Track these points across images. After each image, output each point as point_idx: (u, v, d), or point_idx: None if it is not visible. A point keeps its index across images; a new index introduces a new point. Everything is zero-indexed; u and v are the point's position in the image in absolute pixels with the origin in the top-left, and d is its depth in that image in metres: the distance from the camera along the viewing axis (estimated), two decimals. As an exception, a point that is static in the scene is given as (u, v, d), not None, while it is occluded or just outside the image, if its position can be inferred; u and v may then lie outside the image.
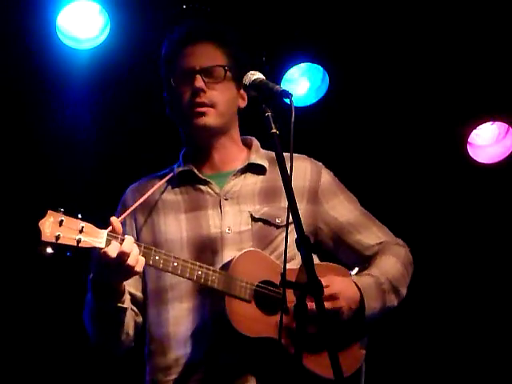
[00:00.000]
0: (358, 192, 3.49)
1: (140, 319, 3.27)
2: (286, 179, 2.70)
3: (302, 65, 4.87)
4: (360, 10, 4.67)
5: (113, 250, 2.90)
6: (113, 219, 2.97)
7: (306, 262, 2.54)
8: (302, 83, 4.95)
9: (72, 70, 4.60)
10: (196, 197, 3.28)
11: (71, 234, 2.87)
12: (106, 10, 4.54)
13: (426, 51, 4.79)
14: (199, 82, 3.23)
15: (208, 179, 3.30)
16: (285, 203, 3.04)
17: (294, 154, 3.05)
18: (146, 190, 3.26)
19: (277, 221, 3.20)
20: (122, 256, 2.91)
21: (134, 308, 3.25)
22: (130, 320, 3.19)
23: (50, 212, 2.87)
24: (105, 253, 2.89)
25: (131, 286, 3.23)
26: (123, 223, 3.23)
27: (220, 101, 3.23)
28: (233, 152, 3.35)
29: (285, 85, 4.68)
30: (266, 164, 3.34)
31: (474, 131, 5.03)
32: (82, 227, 2.89)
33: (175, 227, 3.23)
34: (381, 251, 3.36)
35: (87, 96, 4.74)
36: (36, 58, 4.57)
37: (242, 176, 3.32)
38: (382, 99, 4.96)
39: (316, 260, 3.25)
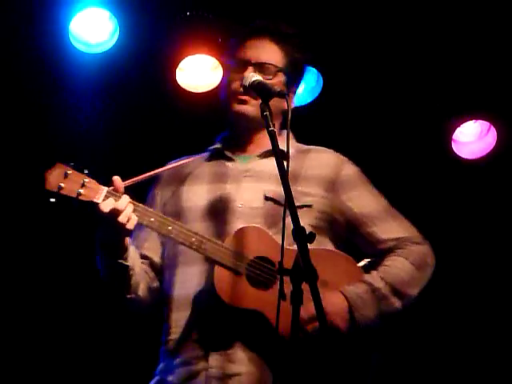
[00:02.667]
0: None
1: (156, 284, 3.31)
2: (283, 171, 2.77)
3: None
4: (351, 17, 4.76)
5: (106, 206, 2.95)
6: (115, 178, 3.02)
7: (302, 251, 2.58)
8: None
9: (83, 72, 4.70)
10: (220, 171, 3.35)
11: (73, 186, 2.94)
12: (115, 16, 4.63)
13: (413, 55, 4.88)
14: (249, 72, 3.25)
15: (234, 157, 3.38)
16: (301, 188, 3.20)
17: (322, 148, 3.28)
18: (179, 165, 3.37)
19: None
20: (115, 212, 2.95)
21: (151, 272, 3.31)
22: (140, 281, 3.23)
23: (58, 164, 2.95)
24: (98, 207, 2.95)
25: (150, 251, 3.32)
26: (154, 193, 3.39)
27: None
28: (264, 140, 3.32)
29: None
30: (291, 151, 3.26)
31: (458, 129, 5.09)
32: (85, 182, 2.96)
33: (195, 196, 3.29)
34: (394, 248, 3.31)
35: (98, 97, 4.84)
36: (50, 61, 4.69)
37: (266, 159, 3.35)
38: (371, 100, 5.03)
39: (330, 247, 3.27)
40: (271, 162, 3.21)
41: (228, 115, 3.41)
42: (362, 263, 3.34)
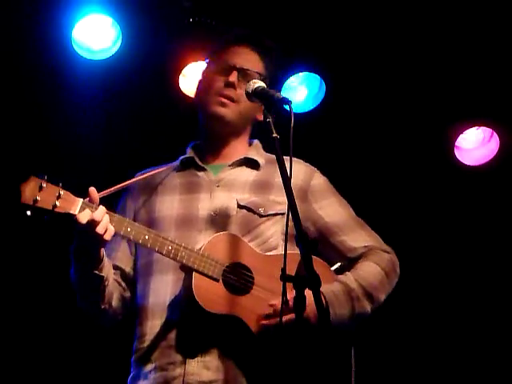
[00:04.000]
0: (349, 193, 3.51)
1: (128, 294, 3.33)
2: (286, 178, 2.76)
3: (301, 74, 4.97)
4: (354, 24, 4.78)
5: (83, 217, 2.96)
6: (90, 189, 3.03)
7: (305, 257, 2.58)
8: (301, 91, 5.03)
9: (86, 79, 4.73)
10: (192, 181, 3.37)
11: (49, 199, 2.93)
12: (117, 23, 4.66)
13: (416, 62, 4.90)
14: (233, 78, 3.35)
15: (206, 167, 3.40)
16: (274, 197, 3.24)
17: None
18: (150, 175, 3.38)
19: (260, 210, 3.26)
20: (92, 223, 2.96)
21: (123, 283, 3.32)
22: (113, 292, 3.25)
23: (32, 177, 2.94)
24: (76, 219, 2.96)
25: (122, 262, 3.34)
26: (125, 203, 3.40)
27: (243, 101, 3.24)
28: (236, 148, 3.44)
29: (285, 92, 4.72)
30: (261, 161, 3.42)
31: (461, 135, 5.12)
32: (60, 194, 2.95)
33: (168, 206, 3.31)
34: (364, 256, 3.36)
35: (100, 103, 4.83)
36: (53, 67, 4.70)
37: (238, 168, 3.40)
38: (373, 107, 5.05)
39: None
40: (244, 171, 3.41)
41: (203, 116, 3.45)
42: (334, 267, 3.37)
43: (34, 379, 5.03)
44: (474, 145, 5.22)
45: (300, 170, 3.43)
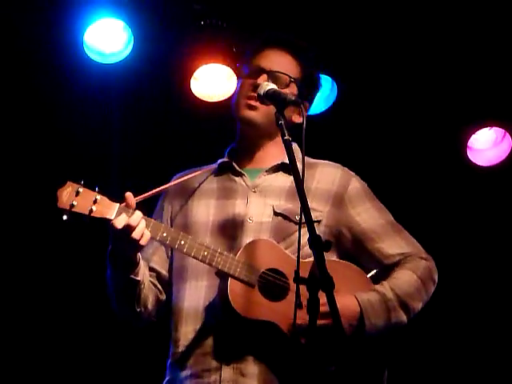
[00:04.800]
0: None
1: (163, 297, 3.33)
2: (298, 182, 2.76)
3: None
4: (365, 26, 4.78)
5: (120, 222, 2.96)
6: (127, 194, 3.03)
7: (318, 260, 2.58)
8: None
9: (98, 82, 4.77)
10: (229, 186, 3.35)
11: (86, 203, 2.96)
12: (129, 27, 4.66)
13: (429, 63, 4.90)
14: (262, 80, 3.27)
15: (243, 172, 3.37)
16: (310, 203, 3.08)
17: (329, 162, 3.29)
18: (187, 178, 3.36)
19: (296, 218, 3.20)
20: (128, 228, 2.97)
21: (158, 285, 3.32)
22: (149, 294, 3.24)
23: (69, 182, 2.97)
24: (112, 224, 2.97)
25: (158, 264, 3.33)
26: (162, 206, 3.40)
27: None
28: (272, 152, 3.39)
29: None
30: (298, 166, 3.35)
31: (473, 136, 5.11)
32: (97, 199, 2.97)
33: (204, 211, 3.30)
34: (401, 263, 3.31)
35: (112, 107, 4.87)
36: (65, 71, 4.73)
37: (274, 174, 3.37)
38: (385, 107, 5.06)
39: (334, 258, 3.27)
40: (279, 177, 3.37)
41: (236, 121, 3.43)
42: (370, 274, 3.34)
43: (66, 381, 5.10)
44: (487, 145, 5.21)
45: (336, 175, 3.41)
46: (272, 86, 3.03)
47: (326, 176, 3.35)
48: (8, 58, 4.68)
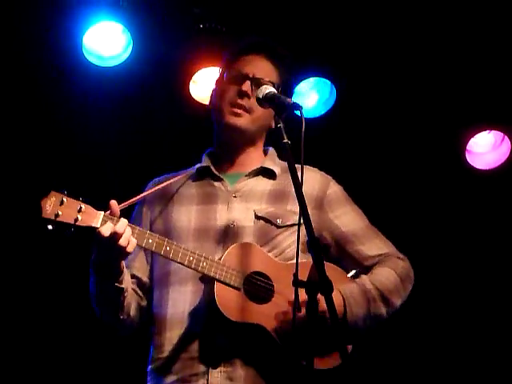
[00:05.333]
0: (360, 198, 3.51)
1: (144, 303, 3.33)
2: (297, 184, 2.77)
3: (312, 79, 4.99)
4: (364, 30, 4.79)
5: (106, 230, 2.98)
6: (111, 202, 3.04)
7: (317, 262, 2.59)
8: (312, 96, 5.05)
9: (97, 86, 4.75)
10: (209, 191, 3.37)
11: (70, 213, 2.97)
12: (128, 30, 4.67)
13: (427, 67, 4.91)
14: (247, 87, 3.34)
15: (222, 177, 3.39)
16: (290, 207, 3.24)
17: (306, 166, 3.22)
18: (166, 184, 3.37)
19: (278, 221, 3.27)
20: (115, 236, 2.98)
21: (139, 292, 3.33)
22: (132, 302, 3.26)
23: (53, 192, 2.98)
24: (99, 232, 2.98)
25: (139, 271, 3.34)
26: (140, 212, 3.40)
27: (257, 110, 3.29)
28: (252, 157, 3.44)
29: (295, 98, 4.39)
30: (277, 170, 3.41)
31: (472, 139, 5.13)
32: (81, 208, 2.99)
33: (185, 217, 3.31)
34: (380, 263, 3.38)
35: (111, 110, 4.86)
36: (63, 74, 4.74)
37: (254, 178, 3.40)
38: (384, 111, 5.08)
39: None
40: (260, 181, 3.41)
41: (218, 125, 3.45)
42: (350, 274, 3.39)
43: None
44: (486, 149, 5.24)
45: (315, 179, 3.44)
46: (271, 89, 3.03)
47: (306, 180, 3.30)
48: (7, 61, 4.68)
